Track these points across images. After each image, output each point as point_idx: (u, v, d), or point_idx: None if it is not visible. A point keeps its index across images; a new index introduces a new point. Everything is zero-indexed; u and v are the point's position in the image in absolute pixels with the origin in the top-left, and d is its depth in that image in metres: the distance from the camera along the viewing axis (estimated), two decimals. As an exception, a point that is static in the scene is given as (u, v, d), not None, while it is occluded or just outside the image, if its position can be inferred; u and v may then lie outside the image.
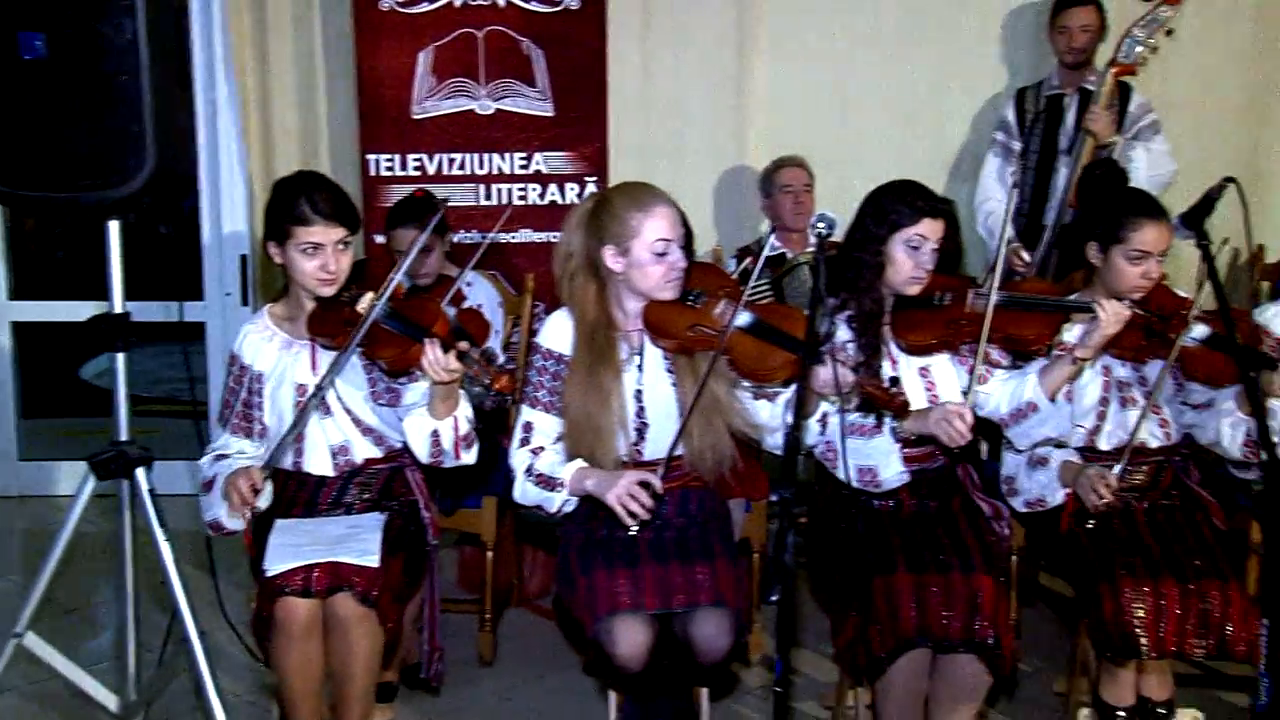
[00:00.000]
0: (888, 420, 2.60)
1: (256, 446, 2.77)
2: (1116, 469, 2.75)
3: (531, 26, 4.15)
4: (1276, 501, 2.38)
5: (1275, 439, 2.67)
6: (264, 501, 2.65)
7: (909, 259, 2.69)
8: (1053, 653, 3.42)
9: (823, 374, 2.47)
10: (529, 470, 2.66)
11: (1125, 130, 3.91)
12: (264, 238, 2.73)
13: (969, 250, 4.08)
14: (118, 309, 2.52)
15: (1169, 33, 3.85)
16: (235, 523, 2.64)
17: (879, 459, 2.64)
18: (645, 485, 2.50)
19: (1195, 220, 2.64)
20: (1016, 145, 4.12)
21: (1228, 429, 2.80)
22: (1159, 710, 2.85)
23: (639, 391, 2.66)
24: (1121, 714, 2.86)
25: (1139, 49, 3.79)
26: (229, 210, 4.63)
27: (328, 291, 2.67)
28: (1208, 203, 2.65)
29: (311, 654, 2.59)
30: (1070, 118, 4.00)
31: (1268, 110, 4.43)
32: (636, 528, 2.50)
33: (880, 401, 2.51)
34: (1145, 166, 3.86)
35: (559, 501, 2.64)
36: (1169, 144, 3.98)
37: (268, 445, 2.73)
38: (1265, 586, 2.68)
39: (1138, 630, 2.60)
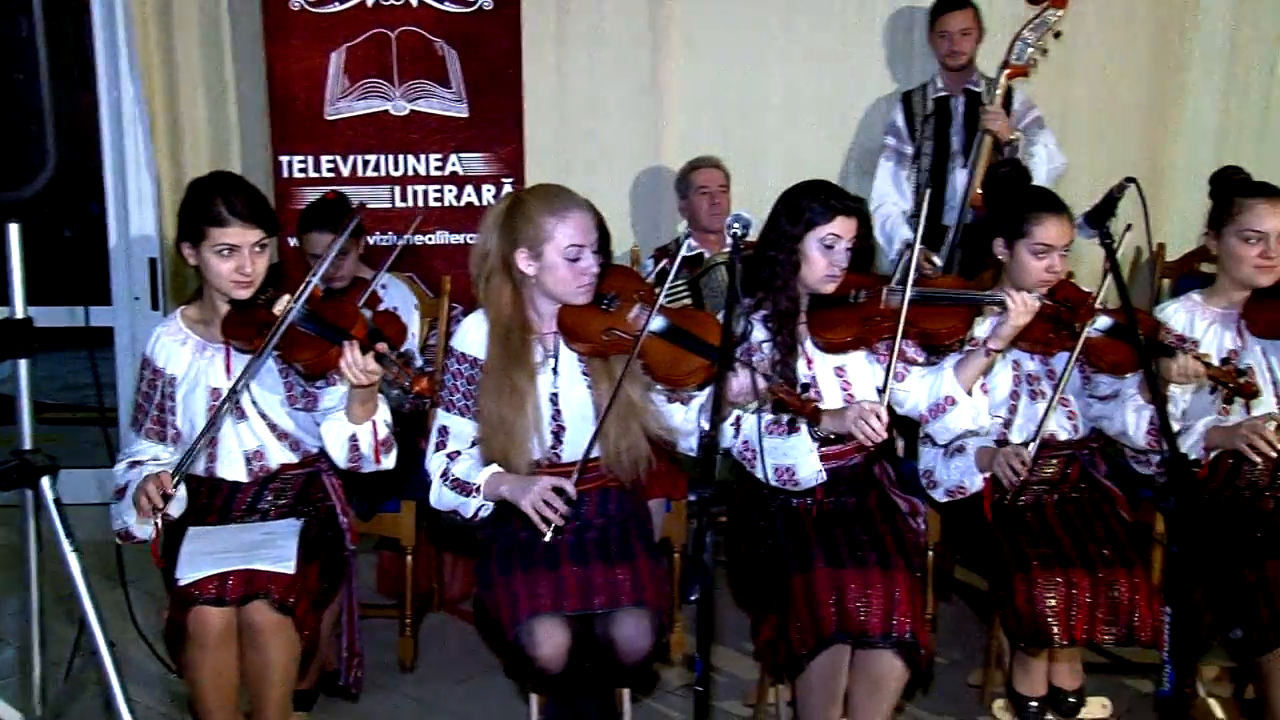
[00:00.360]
0: (802, 421, 2.63)
1: (170, 451, 2.72)
2: (1030, 448, 2.80)
3: (444, 26, 4.12)
4: (1178, 487, 2.44)
5: (1174, 425, 2.76)
6: (176, 509, 2.60)
7: (823, 257, 2.73)
8: (968, 646, 3.48)
9: (735, 382, 2.49)
10: (444, 475, 2.65)
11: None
12: (177, 238, 2.67)
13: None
14: (20, 314, 2.46)
15: (1057, 35, 4.01)
16: (144, 531, 2.57)
17: (797, 458, 2.66)
18: (559, 491, 2.49)
19: (1098, 219, 2.71)
20: (909, 149, 4.17)
21: (1132, 415, 2.88)
22: (1070, 699, 2.93)
23: (555, 394, 2.65)
24: (1034, 704, 2.93)
25: (1030, 50, 3.93)
26: (137, 213, 4.53)
27: (243, 294, 2.62)
28: (1109, 202, 2.72)
29: (226, 663, 2.55)
30: (959, 119, 4.08)
31: (1166, 112, 4.56)
32: (551, 533, 2.49)
33: (793, 408, 2.53)
34: (1045, 161, 3.96)
35: (474, 506, 2.62)
36: (1055, 136, 4.09)
37: (180, 450, 2.68)
38: (1168, 575, 2.75)
39: (1050, 620, 2.66)
